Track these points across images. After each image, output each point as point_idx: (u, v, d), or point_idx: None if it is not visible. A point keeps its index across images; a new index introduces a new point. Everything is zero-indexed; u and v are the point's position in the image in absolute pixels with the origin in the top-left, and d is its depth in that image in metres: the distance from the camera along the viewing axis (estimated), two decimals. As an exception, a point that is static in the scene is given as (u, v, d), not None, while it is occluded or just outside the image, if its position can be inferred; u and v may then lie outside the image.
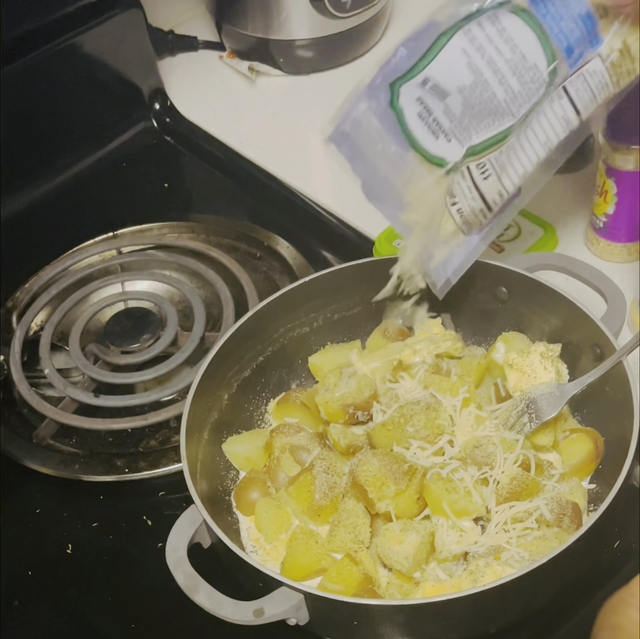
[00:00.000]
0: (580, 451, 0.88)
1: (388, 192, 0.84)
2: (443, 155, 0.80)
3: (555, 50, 0.78)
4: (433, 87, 0.78)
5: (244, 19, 1.31)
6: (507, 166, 0.82)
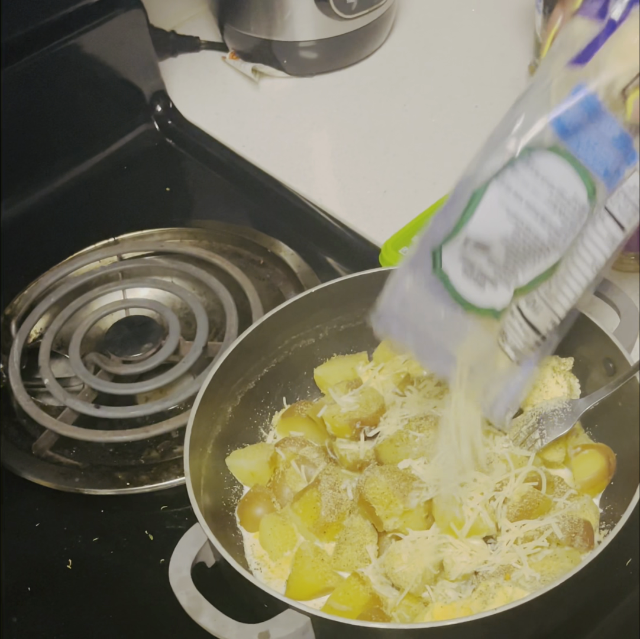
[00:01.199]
0: (592, 468, 0.86)
1: (440, 352, 0.82)
2: (492, 304, 0.78)
3: (593, 178, 0.76)
4: (475, 245, 0.76)
5: (246, 19, 1.29)
6: (557, 294, 0.81)
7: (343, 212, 1.15)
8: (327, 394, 0.92)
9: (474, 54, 1.31)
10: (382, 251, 1.08)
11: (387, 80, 1.30)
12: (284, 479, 0.88)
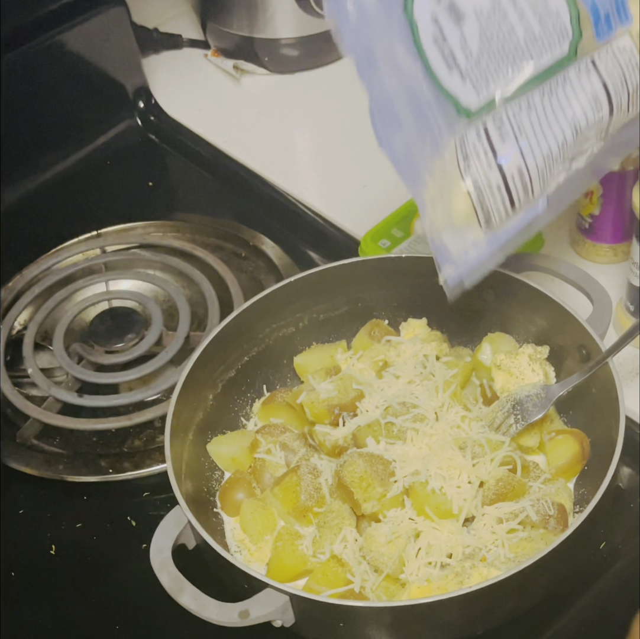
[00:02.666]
0: (566, 453, 0.88)
1: (396, 124, 0.75)
2: (456, 94, 0.73)
3: (578, 4, 0.74)
4: (449, 6, 0.71)
5: (228, 17, 1.30)
6: (528, 131, 0.76)
7: (324, 205, 1.16)
8: (307, 382, 0.93)
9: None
10: (362, 243, 1.09)
11: (368, 77, 1.31)
12: (264, 465, 0.89)
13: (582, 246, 1.07)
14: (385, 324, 0.98)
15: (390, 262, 0.97)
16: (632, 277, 0.96)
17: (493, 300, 0.95)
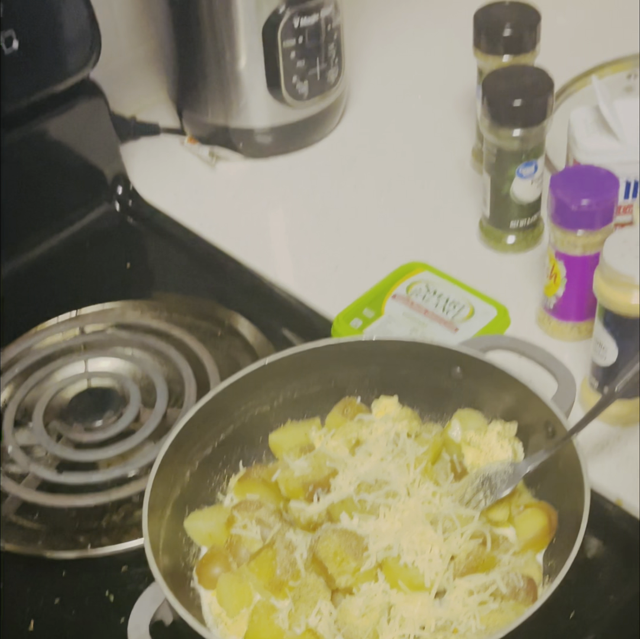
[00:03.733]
0: (534, 526, 0.90)
1: None
2: None
3: None
4: None
5: (204, 106, 1.34)
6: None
7: (297, 286, 1.19)
8: (282, 459, 0.96)
9: (421, 137, 1.37)
10: (334, 323, 1.12)
11: (339, 162, 1.35)
12: (241, 540, 0.91)
13: (548, 325, 1.11)
14: (357, 401, 1.01)
15: (362, 344, 1.00)
16: (595, 355, 1.00)
17: (462, 379, 0.98)
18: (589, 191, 1.01)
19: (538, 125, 1.11)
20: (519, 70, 1.14)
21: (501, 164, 1.14)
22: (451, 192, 1.29)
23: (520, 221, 1.18)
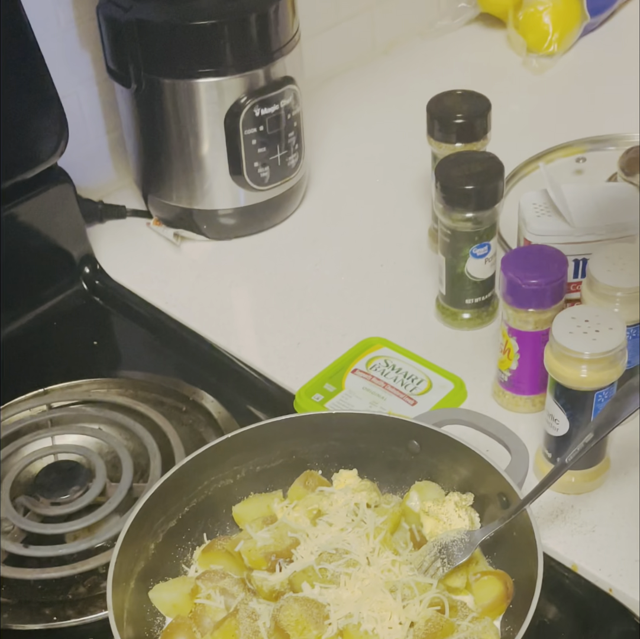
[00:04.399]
0: (491, 593, 0.93)
1: None
2: None
3: None
4: None
5: (168, 190, 1.38)
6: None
7: (260, 362, 1.22)
8: (245, 530, 0.98)
9: (379, 219, 1.42)
10: (297, 397, 1.16)
11: (300, 243, 1.40)
12: (205, 610, 0.92)
13: (503, 398, 1.14)
14: (318, 474, 1.03)
15: (322, 418, 1.04)
16: (547, 426, 1.04)
17: (419, 451, 1.02)
18: (539, 270, 1.06)
19: (490, 208, 1.16)
20: (470, 156, 1.19)
21: (455, 245, 1.18)
22: (409, 271, 1.33)
23: (475, 299, 1.22)
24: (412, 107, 1.40)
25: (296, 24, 1.32)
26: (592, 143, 1.49)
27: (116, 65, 1.31)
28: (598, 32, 1.73)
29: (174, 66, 1.27)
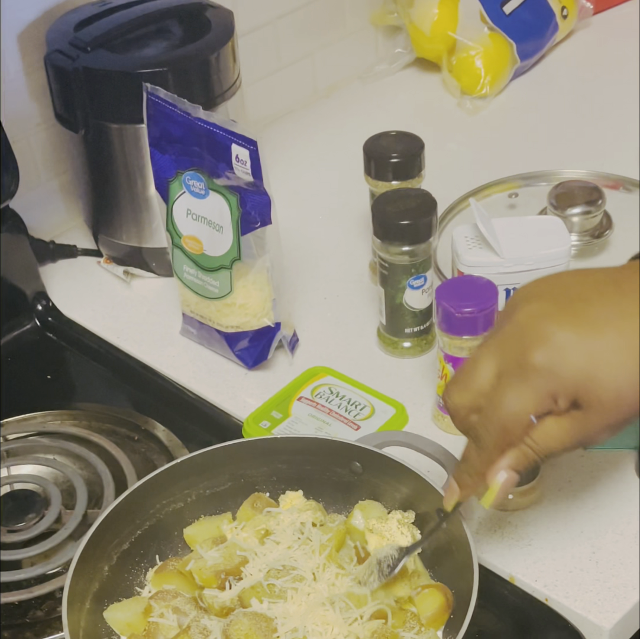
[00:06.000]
0: (432, 604, 0.97)
1: None
2: None
3: None
4: None
5: (118, 229, 1.43)
6: None
7: (209, 392, 1.27)
8: (195, 550, 1.02)
9: (323, 254, 1.47)
10: (245, 424, 1.20)
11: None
12: (158, 628, 0.96)
13: (442, 421, 1.19)
14: (266, 496, 1.08)
15: (269, 442, 1.09)
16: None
17: (361, 473, 1.06)
18: (472, 299, 1.11)
19: (424, 242, 1.21)
20: (405, 193, 1.25)
21: (393, 277, 1.24)
22: (351, 303, 1.38)
23: (414, 328, 1.27)
24: (352, 147, 1.45)
25: (237, 69, 1.37)
26: (524, 179, 1.55)
27: (64, 111, 1.36)
28: (528, 74, 1.81)
29: (120, 111, 1.32)
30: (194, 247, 1.24)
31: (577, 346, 0.81)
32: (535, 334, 0.82)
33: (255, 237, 1.20)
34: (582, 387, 0.81)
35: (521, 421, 0.84)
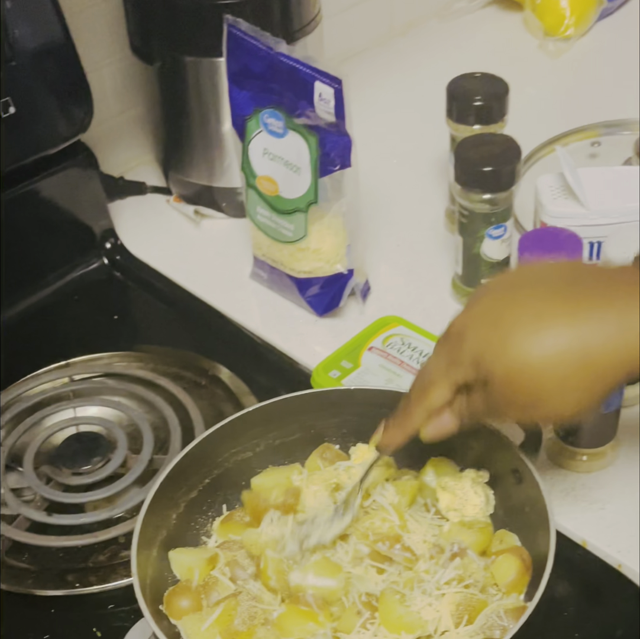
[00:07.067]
0: (510, 570, 0.93)
1: None
2: None
3: None
4: None
5: (189, 167, 1.40)
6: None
7: (278, 339, 1.24)
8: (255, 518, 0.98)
9: (396, 199, 1.43)
10: (314, 374, 1.17)
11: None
12: (217, 583, 0.94)
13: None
14: (335, 448, 1.05)
15: (340, 394, 1.06)
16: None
17: (435, 428, 1.04)
18: (555, 251, 1.07)
19: (507, 190, 1.17)
20: (489, 138, 1.20)
21: (472, 226, 1.19)
22: (425, 250, 1.35)
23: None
24: (429, 89, 1.41)
25: (318, 4, 1.33)
26: (607, 127, 1.49)
27: (140, 43, 1.33)
28: (614, 16, 1.74)
29: (197, 44, 1.28)
30: (269, 189, 1.21)
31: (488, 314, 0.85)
32: (469, 302, 0.88)
33: (332, 180, 1.16)
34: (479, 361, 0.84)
35: (433, 383, 0.89)
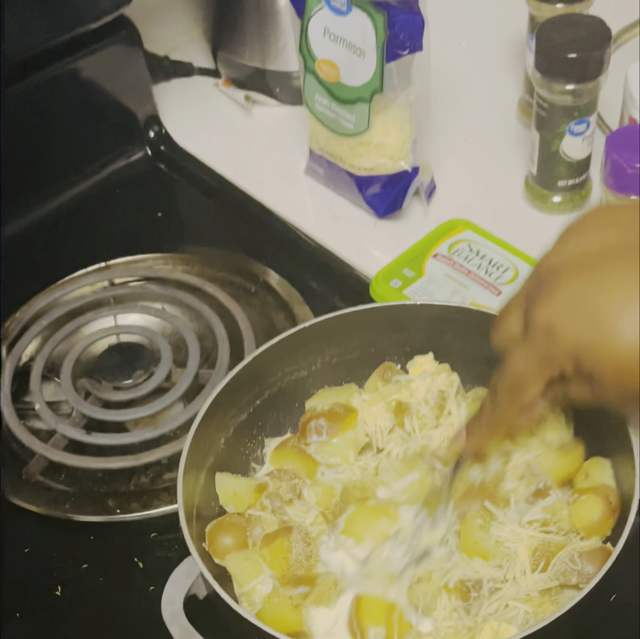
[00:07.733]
0: (592, 513, 0.84)
1: None
2: None
3: None
4: None
5: (240, 46, 1.29)
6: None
7: (334, 242, 1.15)
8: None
9: (465, 87, 1.32)
10: (373, 282, 1.08)
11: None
12: (259, 519, 0.86)
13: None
14: (397, 368, 0.97)
15: (404, 309, 0.96)
16: None
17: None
18: (647, 153, 0.97)
19: (594, 80, 1.06)
20: (575, 19, 1.08)
21: (552, 120, 1.09)
22: (496, 146, 1.24)
23: (568, 181, 1.13)
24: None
25: None
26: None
27: None
28: None
29: None
30: (329, 74, 1.10)
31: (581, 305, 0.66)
32: (547, 286, 0.68)
33: (400, 65, 1.04)
34: (581, 358, 0.67)
35: (526, 383, 0.72)
